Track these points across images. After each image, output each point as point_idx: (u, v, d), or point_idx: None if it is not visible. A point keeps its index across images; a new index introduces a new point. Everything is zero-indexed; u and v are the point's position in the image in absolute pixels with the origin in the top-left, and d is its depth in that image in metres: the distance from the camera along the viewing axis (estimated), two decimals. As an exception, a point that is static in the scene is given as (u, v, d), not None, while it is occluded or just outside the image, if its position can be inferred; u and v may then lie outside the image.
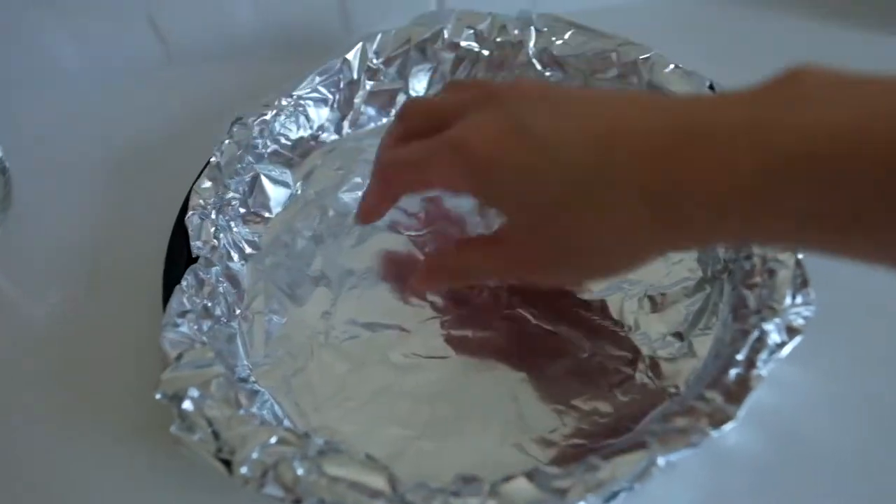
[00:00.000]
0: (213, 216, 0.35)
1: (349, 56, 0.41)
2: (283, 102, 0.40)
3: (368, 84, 0.42)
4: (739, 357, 0.28)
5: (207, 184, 0.36)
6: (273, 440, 0.26)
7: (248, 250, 0.37)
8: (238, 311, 0.34)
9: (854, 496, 0.29)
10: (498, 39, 0.43)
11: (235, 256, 0.36)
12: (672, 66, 0.38)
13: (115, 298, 0.37)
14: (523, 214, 0.26)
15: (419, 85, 0.43)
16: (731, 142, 0.22)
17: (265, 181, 0.39)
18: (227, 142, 0.37)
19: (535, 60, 0.42)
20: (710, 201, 0.22)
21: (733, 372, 0.28)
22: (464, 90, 0.30)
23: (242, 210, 0.38)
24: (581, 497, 0.25)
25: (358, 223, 0.36)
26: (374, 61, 0.42)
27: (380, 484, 0.25)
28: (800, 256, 0.31)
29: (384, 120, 0.43)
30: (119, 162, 0.44)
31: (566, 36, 0.42)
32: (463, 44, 0.43)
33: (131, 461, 0.31)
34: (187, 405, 0.27)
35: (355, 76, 0.42)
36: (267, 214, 0.38)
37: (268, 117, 0.39)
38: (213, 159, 0.37)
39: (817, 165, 0.20)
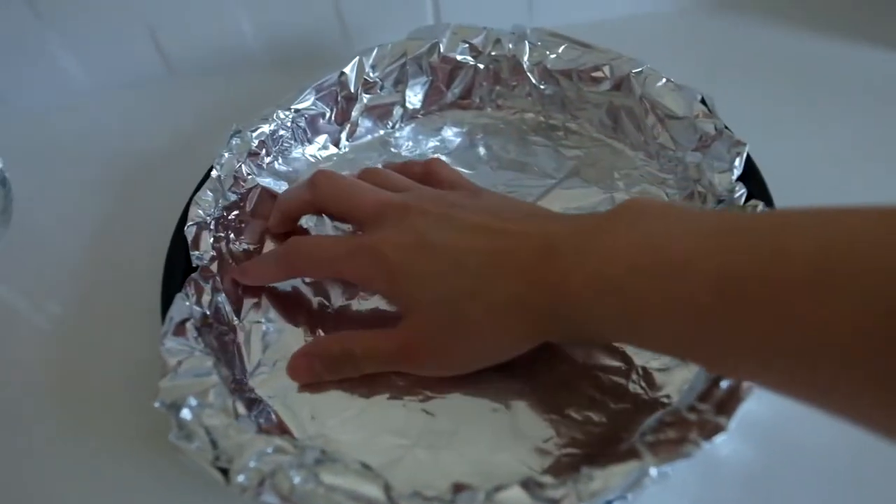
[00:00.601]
0: (212, 227, 0.36)
1: (346, 70, 0.42)
2: (282, 115, 0.40)
3: (366, 97, 0.43)
4: (730, 367, 0.29)
5: (207, 195, 0.36)
6: (270, 449, 0.27)
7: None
8: (235, 321, 0.35)
9: (844, 500, 0.30)
10: (493, 53, 0.43)
11: (234, 266, 0.36)
12: (664, 79, 0.39)
13: (115, 308, 0.37)
14: (421, 309, 0.31)
15: (415, 98, 0.44)
16: (570, 259, 0.27)
17: (264, 193, 0.39)
18: (226, 154, 0.38)
19: (529, 74, 0.43)
20: (560, 307, 0.27)
21: (724, 383, 0.29)
22: (378, 193, 0.34)
23: (241, 222, 0.38)
24: (574, 506, 0.25)
25: (238, 278, 0.35)
26: (371, 75, 0.43)
27: (375, 493, 0.26)
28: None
29: (381, 132, 0.44)
30: (119, 173, 0.44)
31: (560, 50, 0.42)
32: (458, 57, 0.43)
33: (130, 469, 0.31)
34: (185, 413, 0.27)
35: (352, 89, 0.42)
36: (265, 225, 0.39)
37: (266, 130, 0.40)
38: (213, 172, 0.37)
39: (626, 282, 0.25)
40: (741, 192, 0.35)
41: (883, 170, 0.40)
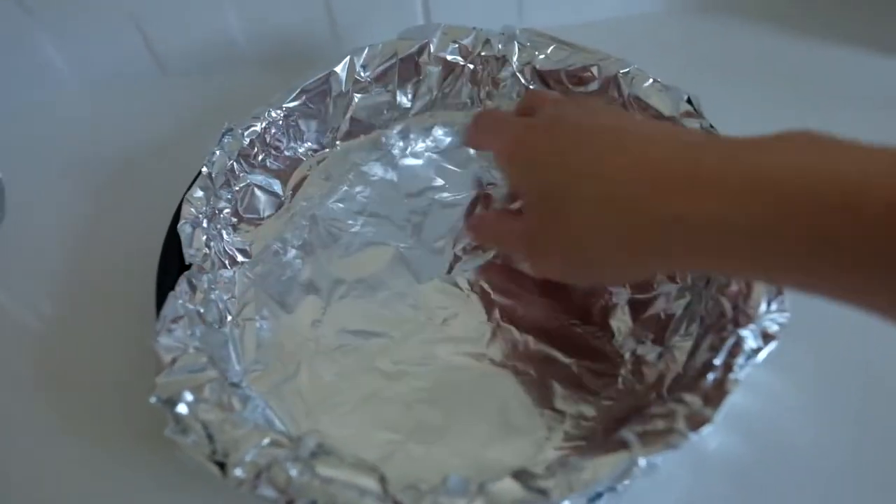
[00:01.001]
0: (205, 225, 0.36)
1: (337, 69, 0.42)
2: (274, 114, 0.41)
3: (356, 97, 0.43)
4: (717, 362, 0.29)
5: (199, 193, 0.37)
6: (266, 442, 0.27)
7: (239, 258, 0.37)
8: (229, 318, 0.35)
9: (829, 495, 0.31)
10: (482, 54, 0.44)
11: (227, 264, 0.36)
12: (651, 80, 0.40)
13: (109, 306, 0.38)
14: (535, 192, 0.30)
15: (406, 98, 0.44)
16: (739, 183, 0.23)
17: (256, 191, 0.39)
18: (217, 152, 0.38)
19: (518, 74, 0.43)
20: (716, 235, 0.24)
21: (711, 376, 0.29)
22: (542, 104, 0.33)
23: (233, 219, 0.38)
24: (565, 496, 0.26)
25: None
26: (362, 74, 0.43)
27: (371, 484, 0.26)
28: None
29: (373, 132, 0.44)
30: (112, 172, 0.44)
31: (548, 50, 0.43)
32: (448, 58, 0.44)
33: (125, 466, 0.32)
34: (181, 409, 0.27)
35: (343, 89, 0.43)
36: (257, 223, 0.39)
37: (258, 128, 0.40)
38: (204, 169, 0.37)
39: (819, 206, 0.21)
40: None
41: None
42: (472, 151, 0.43)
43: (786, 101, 0.46)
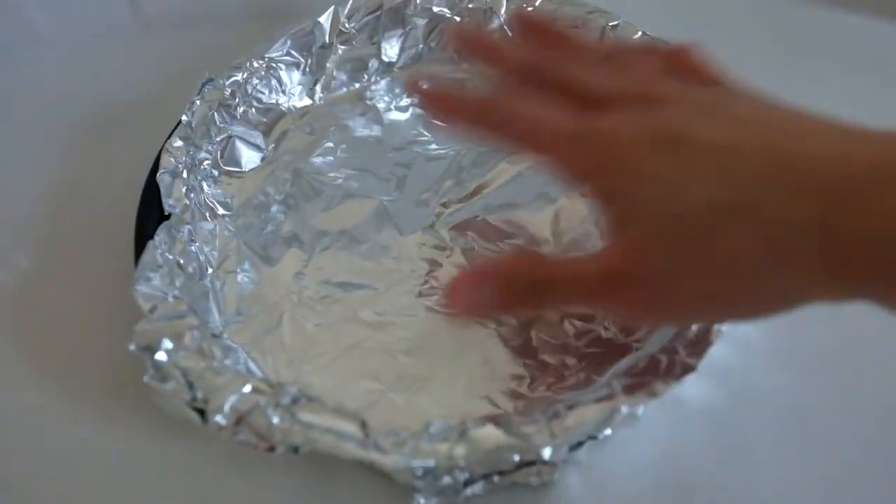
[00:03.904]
0: (185, 175, 0.35)
1: (321, 19, 0.41)
2: (255, 65, 0.40)
3: (341, 48, 0.42)
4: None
5: (178, 143, 0.36)
6: (247, 389, 0.27)
7: (220, 211, 0.37)
8: (210, 271, 0.35)
9: (804, 435, 0.31)
10: (470, 6, 0.43)
11: (207, 216, 0.36)
12: (640, 33, 0.39)
13: (86, 258, 0.37)
14: (650, 224, 0.22)
15: (391, 50, 0.43)
16: None
17: (237, 143, 0.39)
18: (198, 102, 0.37)
19: (506, 27, 0.43)
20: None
21: (694, 326, 0.29)
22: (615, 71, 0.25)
23: (214, 171, 0.38)
24: (547, 443, 0.26)
25: (421, 94, 0.28)
26: (347, 25, 0.42)
27: (352, 430, 0.26)
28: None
29: (356, 85, 0.43)
30: (90, 124, 0.43)
31: (537, 3, 0.42)
32: (435, 9, 0.43)
33: (106, 416, 0.31)
34: (161, 356, 0.27)
35: (327, 40, 0.42)
36: (238, 176, 0.39)
37: (239, 79, 0.39)
38: (184, 118, 0.37)
39: None
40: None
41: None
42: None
43: (782, 55, 0.45)
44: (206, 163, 0.37)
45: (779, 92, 0.24)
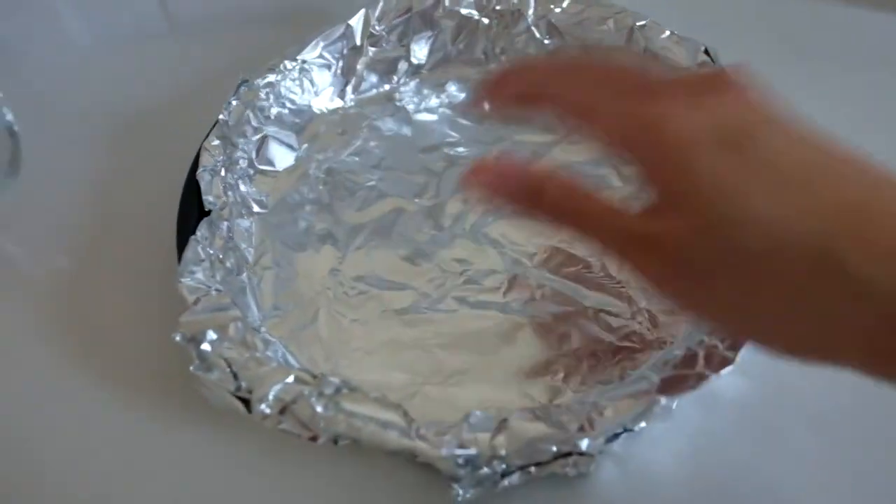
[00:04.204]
0: (223, 174, 0.36)
1: (352, 22, 0.42)
2: (289, 66, 0.41)
3: (371, 50, 0.43)
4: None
5: (216, 142, 0.37)
6: (290, 379, 0.27)
7: (256, 209, 0.38)
8: (247, 266, 0.35)
9: (836, 438, 0.31)
10: (497, 7, 0.44)
11: (243, 213, 0.37)
12: (668, 32, 0.40)
13: (129, 256, 0.38)
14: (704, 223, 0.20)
15: (420, 52, 0.44)
16: None
17: (271, 142, 0.39)
18: (234, 102, 0.38)
19: (533, 28, 0.43)
20: None
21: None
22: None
23: (250, 170, 0.38)
24: (586, 435, 0.26)
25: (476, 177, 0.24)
26: (377, 28, 0.43)
27: (395, 419, 0.26)
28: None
29: (386, 87, 0.44)
30: (127, 125, 0.44)
31: (564, 4, 0.43)
32: (463, 11, 0.44)
33: (151, 405, 0.32)
34: (205, 346, 0.28)
35: (358, 42, 0.43)
36: (273, 175, 0.39)
37: (273, 80, 0.40)
38: (221, 117, 0.37)
39: None
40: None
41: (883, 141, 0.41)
42: (486, 107, 0.43)
43: (804, 54, 0.45)
44: (242, 161, 0.38)
45: (782, 91, 0.23)
